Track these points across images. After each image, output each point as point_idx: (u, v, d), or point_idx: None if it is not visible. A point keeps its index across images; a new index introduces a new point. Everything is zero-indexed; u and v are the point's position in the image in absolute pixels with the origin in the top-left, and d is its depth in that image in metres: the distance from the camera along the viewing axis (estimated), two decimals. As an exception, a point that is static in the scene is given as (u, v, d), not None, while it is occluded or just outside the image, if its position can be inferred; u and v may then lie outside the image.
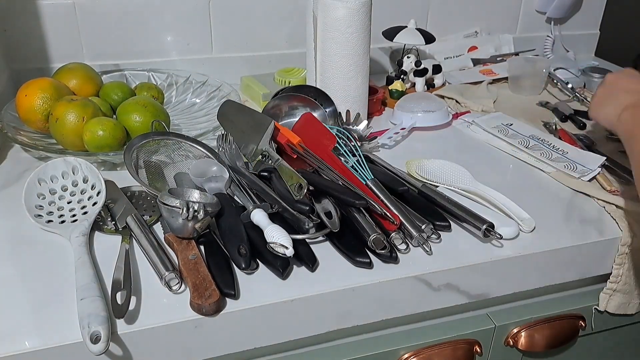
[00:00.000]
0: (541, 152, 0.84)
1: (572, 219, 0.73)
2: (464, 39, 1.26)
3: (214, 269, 0.60)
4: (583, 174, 0.78)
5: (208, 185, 0.71)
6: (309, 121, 0.82)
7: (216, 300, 0.55)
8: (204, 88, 1.01)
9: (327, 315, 0.62)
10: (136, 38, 1.05)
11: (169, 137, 0.79)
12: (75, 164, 0.72)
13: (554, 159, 0.82)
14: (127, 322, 0.54)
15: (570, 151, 0.83)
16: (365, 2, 0.86)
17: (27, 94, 0.82)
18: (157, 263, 0.60)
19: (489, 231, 0.65)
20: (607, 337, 0.83)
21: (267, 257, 0.61)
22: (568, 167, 0.79)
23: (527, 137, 0.89)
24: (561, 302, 0.78)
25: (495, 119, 0.97)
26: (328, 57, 0.90)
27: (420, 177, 0.78)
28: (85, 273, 0.57)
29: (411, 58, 1.07)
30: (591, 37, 1.38)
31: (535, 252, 0.67)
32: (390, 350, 0.70)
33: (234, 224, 0.65)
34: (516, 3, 1.27)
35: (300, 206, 0.64)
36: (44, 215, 0.68)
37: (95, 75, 0.92)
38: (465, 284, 0.66)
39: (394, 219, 0.65)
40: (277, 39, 1.13)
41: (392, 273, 0.62)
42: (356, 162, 0.74)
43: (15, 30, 0.98)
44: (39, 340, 0.52)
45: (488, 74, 1.18)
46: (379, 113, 1.03)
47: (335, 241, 0.65)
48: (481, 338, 0.74)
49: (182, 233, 0.62)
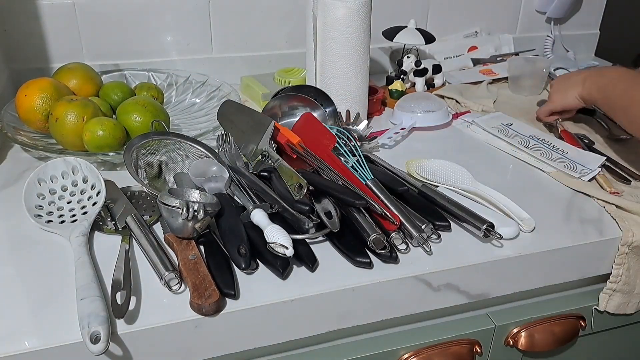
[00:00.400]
0: (541, 152, 0.84)
1: (572, 219, 0.73)
2: (464, 39, 1.26)
3: (214, 269, 0.60)
4: (583, 174, 0.78)
5: (208, 185, 0.71)
6: (309, 121, 0.82)
7: (216, 300, 0.55)
8: (203, 88, 1.01)
9: (327, 315, 0.62)
10: (136, 38, 1.05)
11: (169, 137, 0.79)
12: (75, 164, 0.72)
13: (554, 159, 0.82)
14: (127, 322, 0.54)
15: (570, 151, 0.83)
16: (365, 2, 0.86)
17: (27, 94, 0.82)
18: (157, 263, 0.60)
19: (489, 231, 0.65)
20: (607, 337, 0.83)
21: (267, 257, 0.61)
22: (568, 167, 0.79)
23: (527, 137, 0.89)
24: (561, 302, 0.78)
25: (496, 119, 0.97)
26: (328, 57, 0.90)
27: (420, 177, 0.78)
28: (85, 273, 0.57)
29: (411, 58, 1.07)
30: (591, 37, 1.38)
31: (535, 252, 0.67)
32: (390, 350, 0.70)
33: (233, 224, 0.64)
34: (516, 3, 1.27)
35: (300, 206, 0.64)
36: (43, 215, 0.68)
37: (95, 75, 0.92)
38: (465, 284, 0.66)
39: (394, 219, 0.65)
40: (277, 39, 1.13)
41: (392, 273, 0.62)
42: (356, 162, 0.74)
43: (15, 30, 0.98)
44: (39, 340, 0.52)
45: (488, 74, 1.18)
46: (379, 113, 1.03)
47: (335, 241, 0.65)
48: (481, 338, 0.74)
49: (182, 233, 0.62)
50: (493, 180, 0.78)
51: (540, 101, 1.08)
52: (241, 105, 0.82)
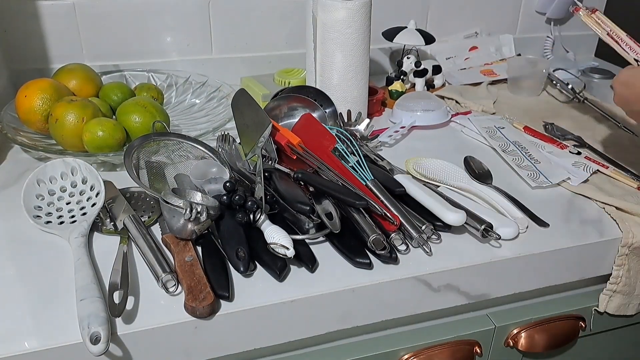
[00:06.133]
0: (514, 158, 0.85)
1: (572, 220, 0.73)
2: (464, 39, 1.26)
3: (210, 271, 0.59)
4: (540, 184, 0.78)
5: (208, 187, 0.71)
6: (308, 122, 0.82)
7: (210, 303, 0.55)
8: (203, 89, 1.01)
9: (327, 316, 0.62)
10: (136, 39, 1.05)
11: (170, 138, 0.79)
12: (74, 164, 0.72)
13: (523, 166, 0.83)
14: (127, 323, 0.54)
15: (542, 162, 0.84)
16: (365, 2, 0.86)
17: (26, 94, 0.82)
18: (154, 264, 0.60)
19: (487, 231, 0.65)
20: (607, 338, 0.83)
21: (265, 259, 0.61)
22: (530, 175, 0.80)
23: (509, 142, 0.89)
24: (561, 303, 0.78)
25: (490, 120, 0.97)
26: (328, 58, 0.90)
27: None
28: (84, 274, 0.57)
29: (411, 59, 1.07)
30: (591, 38, 1.38)
31: (535, 252, 0.67)
32: (391, 351, 0.70)
33: (232, 226, 0.64)
34: (516, 3, 1.27)
35: (300, 206, 0.64)
36: (42, 216, 0.68)
37: (95, 75, 0.92)
38: (465, 285, 0.66)
39: (394, 219, 0.65)
40: (277, 39, 1.13)
41: (392, 274, 0.62)
42: (356, 163, 0.74)
43: (15, 30, 0.98)
44: (39, 341, 0.52)
45: (489, 74, 1.19)
46: (379, 114, 1.03)
47: (335, 242, 0.65)
48: (481, 339, 0.74)
49: (181, 234, 0.62)
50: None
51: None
52: (251, 99, 0.82)
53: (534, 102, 1.09)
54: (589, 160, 0.85)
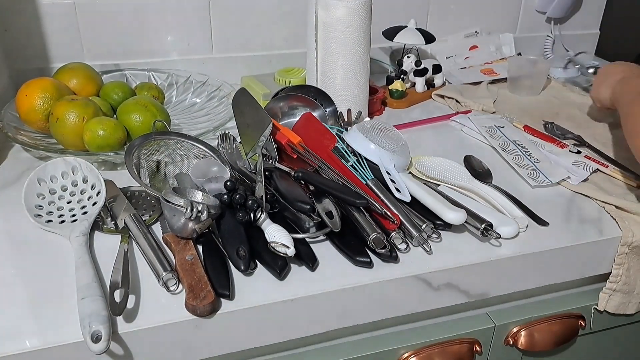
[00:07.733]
0: (514, 157, 0.85)
1: (572, 219, 0.73)
2: (464, 38, 1.26)
3: (211, 269, 0.60)
4: (540, 183, 0.78)
5: (209, 186, 0.71)
6: (309, 121, 0.82)
7: (211, 301, 0.55)
8: (204, 88, 1.01)
9: (327, 315, 0.62)
10: (136, 38, 1.05)
11: (170, 137, 0.79)
12: (75, 164, 0.72)
13: (523, 165, 0.83)
14: (128, 322, 0.54)
15: (542, 161, 0.84)
16: (366, 1, 0.86)
17: (27, 93, 0.82)
18: (155, 263, 0.60)
19: (487, 230, 0.66)
20: (606, 336, 0.83)
21: (265, 258, 0.61)
22: (530, 174, 0.80)
23: (509, 141, 0.89)
24: (561, 301, 0.78)
25: (491, 119, 0.97)
26: (328, 57, 0.90)
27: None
28: (85, 272, 0.57)
29: (411, 58, 1.07)
30: (591, 37, 1.38)
31: (535, 251, 0.67)
32: (390, 350, 0.70)
33: (233, 225, 0.64)
34: (516, 3, 1.27)
35: (301, 205, 0.64)
36: (43, 215, 0.68)
37: (96, 75, 0.92)
38: (465, 284, 0.66)
39: (394, 218, 0.65)
40: (277, 39, 1.13)
41: (392, 272, 0.62)
42: (356, 162, 0.75)
43: (16, 30, 0.98)
44: (40, 340, 0.52)
45: (489, 73, 1.19)
46: (379, 113, 1.03)
47: (335, 240, 0.65)
48: (481, 337, 0.74)
49: (182, 233, 0.62)
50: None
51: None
52: (252, 98, 0.82)
53: (534, 102, 1.09)
54: (588, 159, 0.85)
